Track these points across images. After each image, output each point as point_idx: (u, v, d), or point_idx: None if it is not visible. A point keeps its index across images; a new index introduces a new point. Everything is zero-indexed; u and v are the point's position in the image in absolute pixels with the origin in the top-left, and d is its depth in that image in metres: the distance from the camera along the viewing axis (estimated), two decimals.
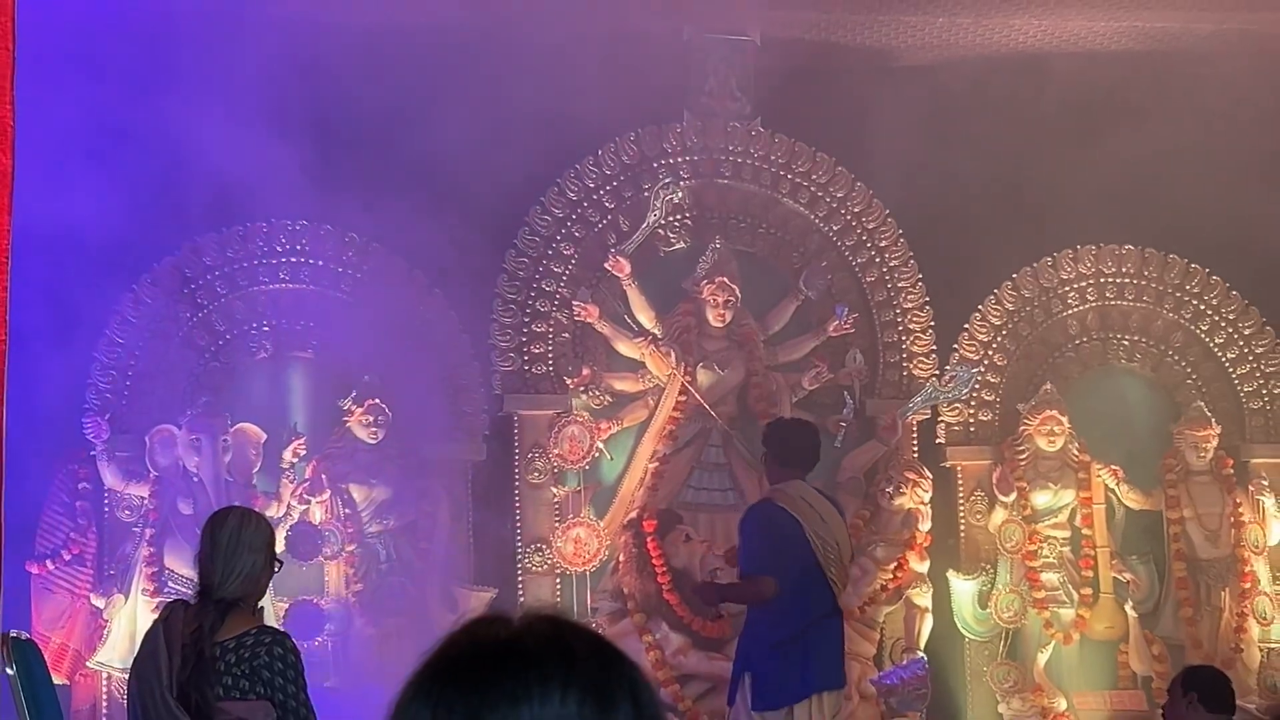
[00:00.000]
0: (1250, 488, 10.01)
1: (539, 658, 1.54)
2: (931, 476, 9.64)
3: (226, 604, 4.97)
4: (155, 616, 5.27)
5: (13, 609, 7.41)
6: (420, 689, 1.55)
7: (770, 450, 7.72)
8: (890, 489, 9.56)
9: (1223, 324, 10.27)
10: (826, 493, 7.82)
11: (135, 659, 5.12)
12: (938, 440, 10.00)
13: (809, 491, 7.55)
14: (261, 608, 5.23)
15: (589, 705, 1.52)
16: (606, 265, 9.57)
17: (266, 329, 9.31)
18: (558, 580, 9.37)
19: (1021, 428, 9.87)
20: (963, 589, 9.79)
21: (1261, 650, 9.86)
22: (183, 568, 8.55)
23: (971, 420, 10.06)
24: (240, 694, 4.88)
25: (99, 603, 8.79)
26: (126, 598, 8.76)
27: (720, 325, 9.60)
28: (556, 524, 9.35)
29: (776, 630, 7.38)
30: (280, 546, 8.31)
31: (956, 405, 9.96)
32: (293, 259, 9.35)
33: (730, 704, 7.56)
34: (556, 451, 9.32)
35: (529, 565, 9.37)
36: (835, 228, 9.98)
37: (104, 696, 8.81)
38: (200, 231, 9.20)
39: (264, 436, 9.02)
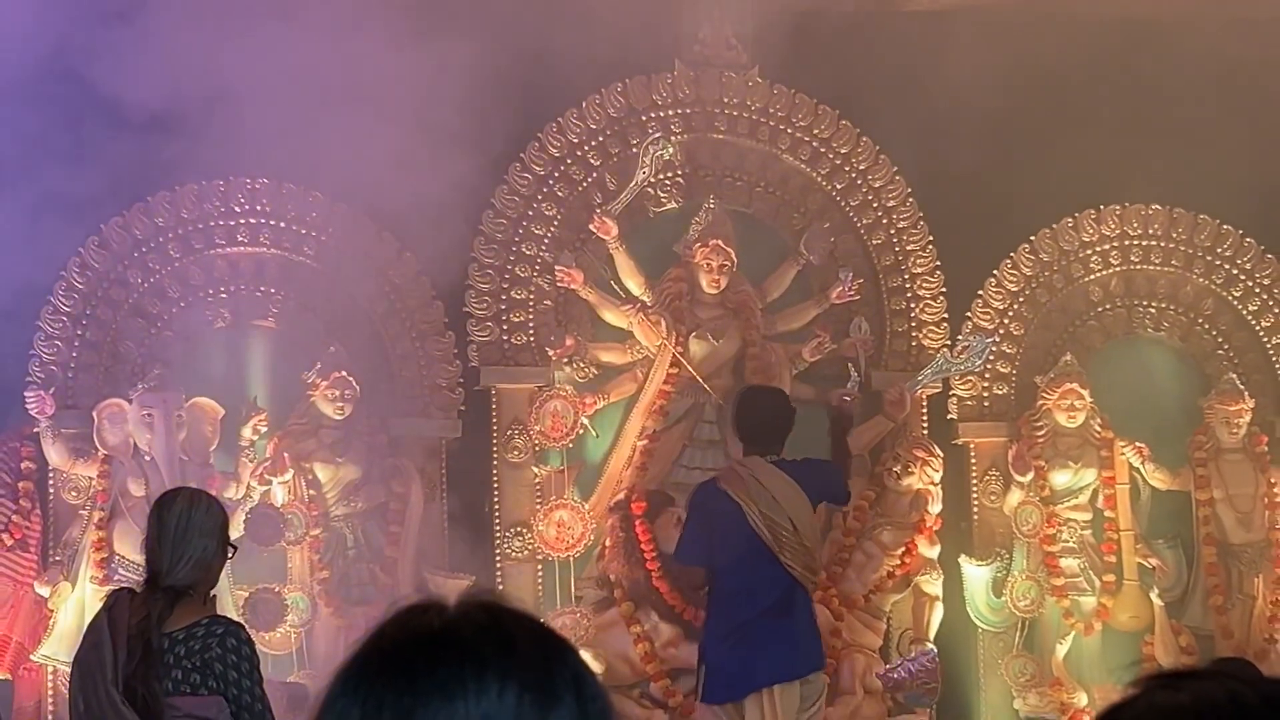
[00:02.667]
0: None
1: (476, 648, 1.52)
2: (942, 455, 9.42)
3: (176, 592, 4.96)
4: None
5: None
6: (348, 683, 1.53)
7: (732, 424, 7.81)
8: (898, 468, 9.36)
9: (1257, 290, 10.08)
10: (795, 462, 7.73)
11: (78, 651, 5.12)
12: (949, 416, 9.81)
13: (764, 469, 7.50)
14: (214, 596, 5.18)
15: (529, 699, 1.51)
16: (592, 227, 9.35)
17: (224, 295, 9.14)
18: (539, 566, 9.21)
19: (1040, 402, 9.67)
20: (976, 576, 9.59)
21: None
22: (133, 553, 8.32)
23: (986, 394, 9.86)
24: (191, 689, 4.90)
25: (44, 591, 8.60)
26: (73, 586, 8.58)
27: (714, 292, 9.39)
28: (538, 506, 9.16)
29: (724, 621, 7.47)
30: (239, 531, 8.42)
31: (970, 378, 9.76)
32: (252, 220, 9.14)
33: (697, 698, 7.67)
34: (538, 428, 9.13)
35: (508, 550, 9.21)
36: (839, 186, 9.77)
37: (49, 692, 8.65)
38: (151, 189, 8.99)
39: (222, 412, 8.82)
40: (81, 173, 8.49)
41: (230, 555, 5.17)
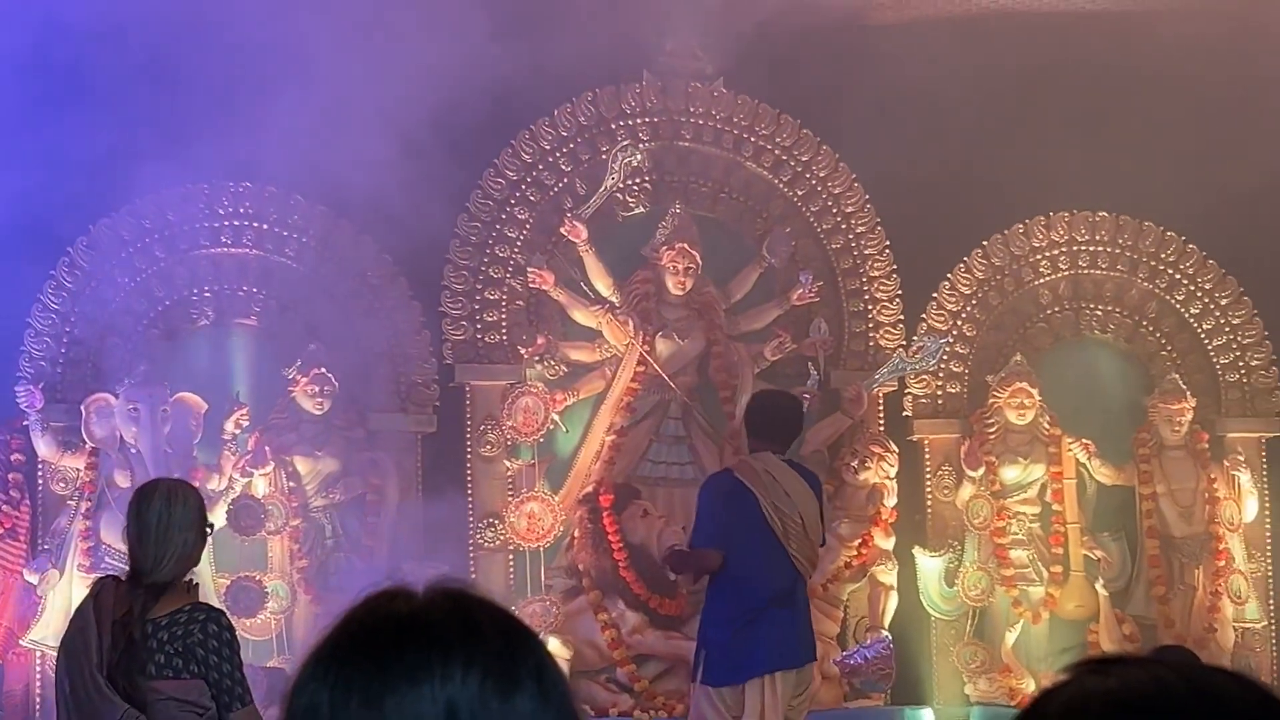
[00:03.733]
0: (1225, 463, 9.90)
1: (442, 633, 1.51)
2: (898, 450, 9.53)
3: (160, 587, 4.88)
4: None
5: None
6: (318, 668, 1.51)
7: (746, 421, 7.78)
8: (855, 463, 9.45)
9: (1199, 294, 10.15)
10: (804, 467, 7.72)
11: (64, 635, 5.05)
12: (904, 413, 9.90)
13: (775, 464, 7.46)
14: (196, 583, 5.13)
15: (492, 683, 1.49)
16: (562, 230, 9.39)
17: (208, 295, 9.16)
18: (510, 556, 9.25)
19: (991, 400, 9.75)
20: (929, 566, 9.69)
21: (1236, 630, 9.80)
22: (119, 543, 8.13)
23: (939, 392, 9.94)
24: (173, 673, 4.83)
25: (32, 579, 8.61)
26: (61, 573, 8.60)
27: (680, 293, 9.45)
28: (510, 498, 9.21)
29: (732, 605, 7.36)
30: (221, 521, 8.45)
31: (924, 377, 9.85)
32: (235, 222, 9.16)
33: (692, 680, 7.56)
34: (510, 423, 9.16)
35: (481, 541, 9.22)
36: (800, 192, 9.83)
37: (38, 676, 8.66)
38: (139, 193, 8.97)
39: (205, 406, 8.83)
40: (69, 175, 8.47)
41: (209, 534, 5.07)
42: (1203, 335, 10.15)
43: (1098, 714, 1.37)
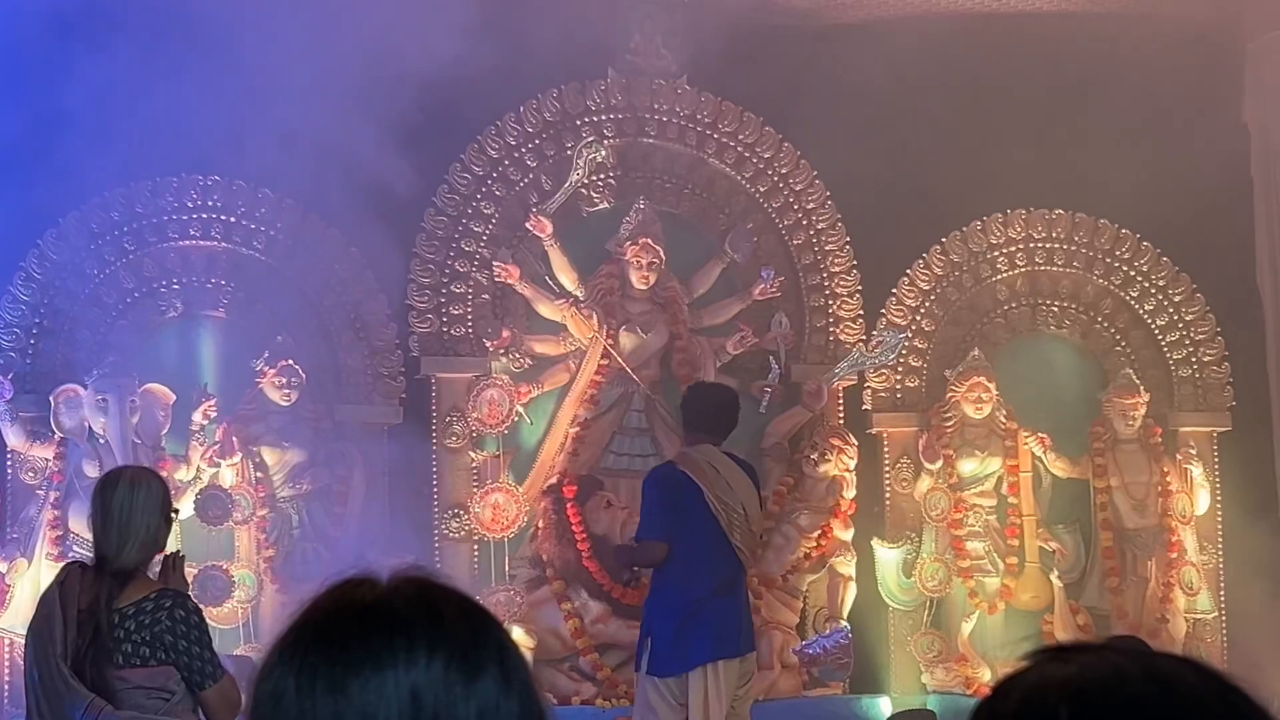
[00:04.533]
0: (1178, 456, 9.98)
1: (406, 620, 1.52)
2: (857, 443, 9.57)
3: (125, 574, 4.90)
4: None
5: None
6: (284, 654, 1.53)
7: (683, 413, 7.81)
8: (815, 456, 9.49)
9: (1152, 290, 10.23)
10: (740, 459, 7.78)
11: (31, 622, 5.07)
12: (864, 407, 9.94)
13: (717, 456, 7.56)
14: (182, 555, 5.19)
15: (455, 669, 1.51)
16: (528, 225, 9.41)
17: (177, 287, 9.13)
18: (475, 547, 9.25)
19: (949, 394, 9.81)
20: (887, 557, 9.75)
21: (1187, 621, 9.88)
22: (87, 531, 8.05)
23: (898, 386, 10.00)
24: (141, 661, 4.84)
25: (1, 567, 8.59)
26: (30, 562, 8.60)
27: (644, 288, 9.49)
28: (475, 489, 9.22)
29: (676, 596, 7.43)
30: (189, 511, 8.48)
31: (883, 371, 9.90)
32: (204, 215, 9.15)
33: (636, 670, 7.60)
34: (475, 415, 9.19)
35: (446, 531, 9.24)
36: (762, 189, 9.88)
37: (6, 663, 8.67)
38: (108, 185, 8.95)
39: (173, 397, 8.82)
40: (39, 169, 8.50)
41: (173, 520, 5.06)
42: (1156, 331, 10.22)
43: (1057, 700, 1.38)
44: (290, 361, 8.91)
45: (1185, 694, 1.39)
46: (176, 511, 5.13)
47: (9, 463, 8.81)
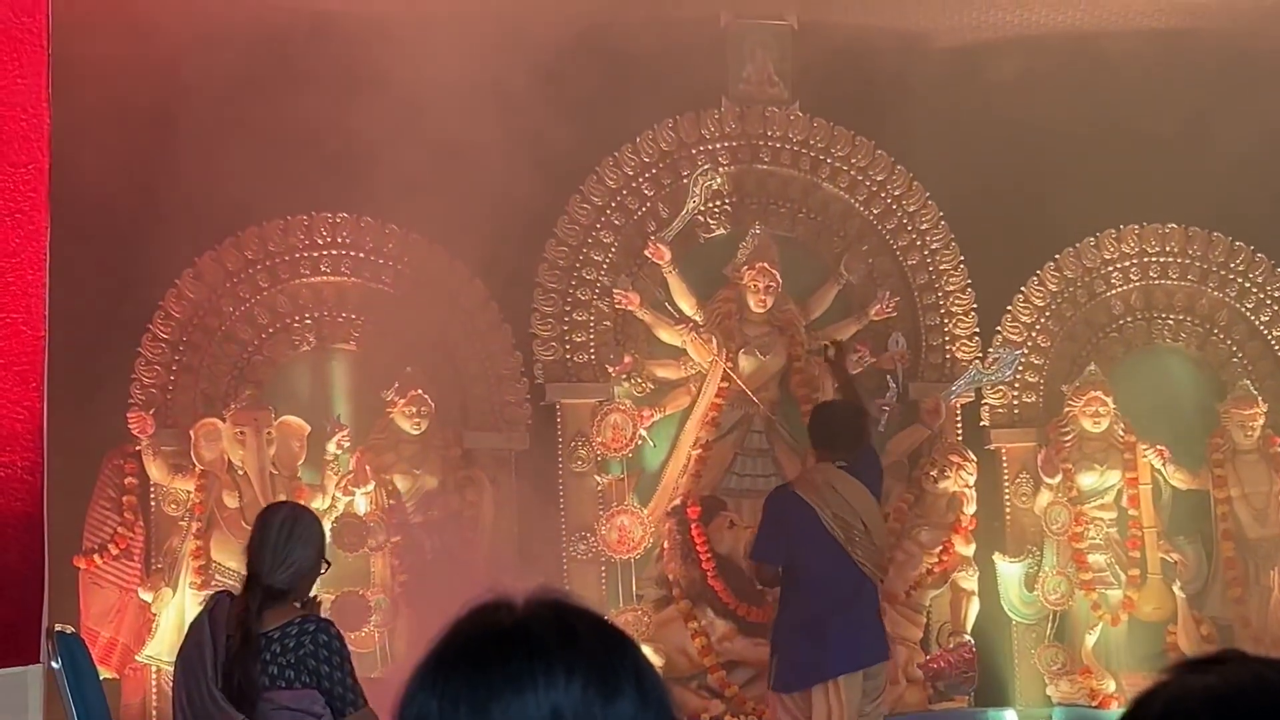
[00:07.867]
0: None
1: (542, 643, 1.55)
2: (976, 459, 9.59)
3: (273, 592, 5.01)
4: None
5: (61, 604, 7.53)
6: (426, 679, 1.57)
7: (811, 434, 7.94)
8: (934, 472, 9.54)
9: (1268, 301, 10.20)
10: (861, 465, 7.83)
11: (181, 647, 5.20)
12: (982, 423, 9.97)
13: (835, 475, 7.65)
14: (315, 598, 5.26)
15: (593, 689, 1.53)
16: (647, 252, 9.54)
17: (309, 322, 9.32)
18: (603, 568, 9.35)
19: (1066, 409, 9.81)
20: (1009, 572, 9.76)
21: None
22: (229, 560, 8.61)
23: (1015, 402, 10.02)
24: (287, 683, 4.93)
25: (147, 596, 8.77)
26: (174, 591, 8.76)
27: (761, 311, 9.56)
28: (600, 512, 9.32)
29: (797, 614, 7.57)
30: (326, 539, 8.54)
31: (1000, 387, 9.93)
32: (334, 251, 9.33)
33: (769, 688, 7.74)
34: (599, 440, 9.30)
35: (574, 554, 9.34)
36: (876, 211, 9.95)
37: (153, 689, 8.82)
38: (241, 225, 9.18)
39: (308, 429, 8.99)
40: (177, 210, 8.77)
41: (324, 570, 5.17)
42: (1273, 342, 10.20)
43: (1199, 709, 1.39)
44: (420, 391, 9.02)
45: None
46: (329, 564, 5.21)
47: (153, 495, 8.97)
